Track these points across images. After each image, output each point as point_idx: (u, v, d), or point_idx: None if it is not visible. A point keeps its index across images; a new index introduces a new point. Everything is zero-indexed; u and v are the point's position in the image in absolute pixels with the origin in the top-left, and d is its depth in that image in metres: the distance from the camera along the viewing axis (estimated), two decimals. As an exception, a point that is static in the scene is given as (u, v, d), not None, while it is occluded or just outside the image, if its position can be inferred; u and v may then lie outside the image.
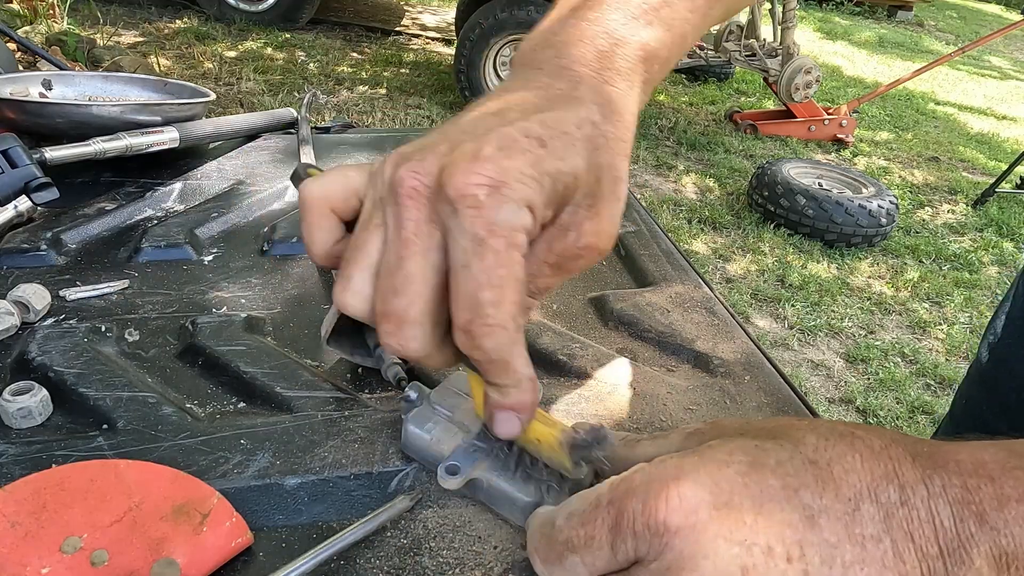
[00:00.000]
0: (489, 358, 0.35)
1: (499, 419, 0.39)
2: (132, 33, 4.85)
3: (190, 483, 0.42)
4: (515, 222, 0.33)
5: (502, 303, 0.33)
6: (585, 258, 0.37)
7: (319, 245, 0.40)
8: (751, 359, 0.60)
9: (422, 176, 0.34)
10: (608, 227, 0.37)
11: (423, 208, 0.35)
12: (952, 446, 0.31)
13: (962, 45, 4.97)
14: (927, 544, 0.28)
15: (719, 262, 3.19)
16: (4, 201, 0.66)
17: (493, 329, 0.33)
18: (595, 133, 0.37)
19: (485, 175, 0.33)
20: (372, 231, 0.37)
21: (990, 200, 4.05)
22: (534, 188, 0.33)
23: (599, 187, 0.37)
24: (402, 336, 0.36)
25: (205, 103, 0.89)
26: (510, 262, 0.33)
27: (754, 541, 0.29)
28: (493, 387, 0.37)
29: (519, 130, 0.35)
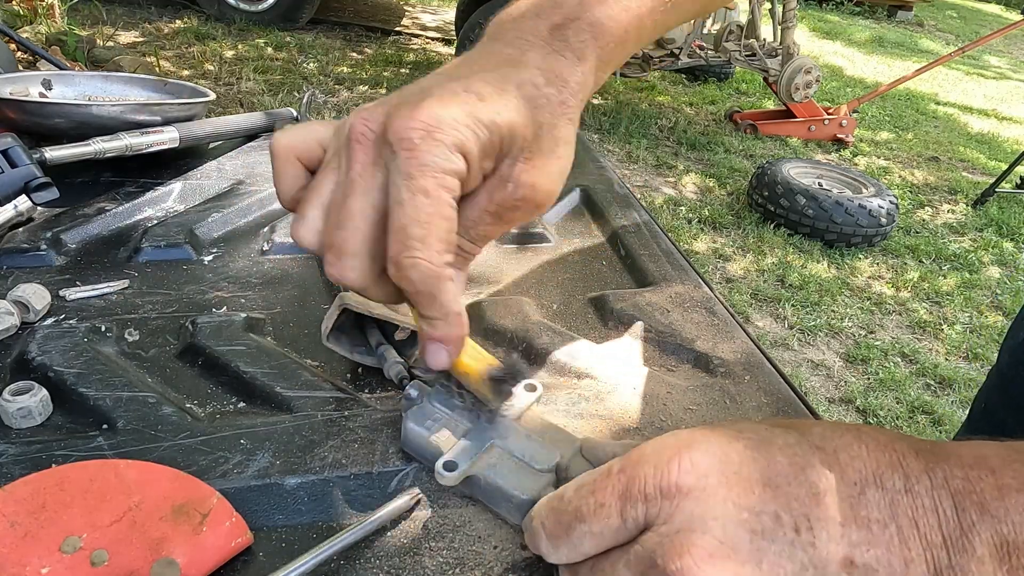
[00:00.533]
0: (416, 289, 0.37)
1: (430, 350, 0.41)
2: (132, 33, 4.85)
3: (190, 483, 0.42)
4: (445, 164, 0.36)
5: (428, 238, 0.36)
6: (522, 209, 0.40)
7: (285, 190, 0.43)
8: (751, 359, 0.60)
9: (370, 123, 0.38)
10: (545, 182, 0.40)
11: (369, 151, 0.38)
12: (955, 444, 0.31)
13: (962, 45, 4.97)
14: (931, 532, 0.29)
15: (719, 262, 3.19)
16: (4, 201, 0.66)
17: (418, 262, 0.36)
18: (536, 94, 0.40)
19: (422, 120, 0.36)
20: (328, 173, 0.40)
21: (990, 200, 4.05)
22: (467, 136, 0.36)
23: (537, 143, 0.40)
24: (342, 266, 0.39)
25: (205, 103, 0.89)
26: (438, 201, 0.36)
27: (762, 509, 0.29)
28: (424, 319, 0.40)
29: (461, 85, 0.38)
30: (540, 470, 0.43)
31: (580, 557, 0.34)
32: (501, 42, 0.43)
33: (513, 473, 0.43)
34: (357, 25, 5.76)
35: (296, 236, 0.41)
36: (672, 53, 4.31)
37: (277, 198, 0.44)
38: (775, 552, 0.29)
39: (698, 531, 0.29)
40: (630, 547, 0.31)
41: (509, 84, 0.39)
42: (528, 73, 0.40)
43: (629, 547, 0.32)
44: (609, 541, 0.32)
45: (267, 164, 0.87)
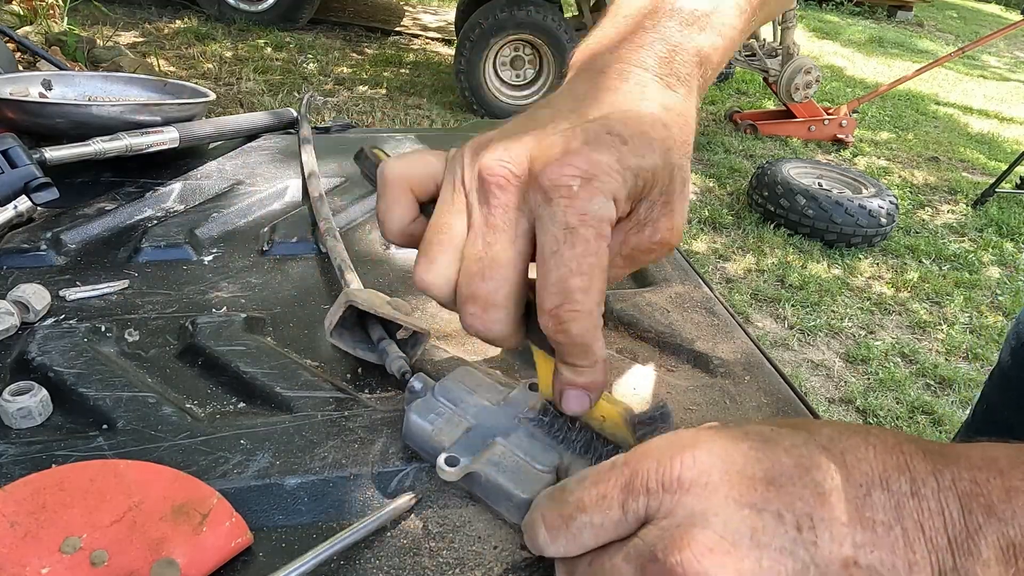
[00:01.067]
0: (573, 342, 0.36)
1: (570, 397, 0.40)
2: (132, 33, 4.85)
3: (190, 483, 0.42)
4: (604, 213, 0.35)
5: (590, 290, 0.35)
6: (657, 252, 0.39)
7: (396, 222, 0.41)
8: (751, 359, 0.60)
9: (511, 165, 0.36)
10: (680, 223, 0.39)
11: (512, 196, 0.36)
12: (963, 445, 0.31)
13: (962, 45, 4.97)
14: (936, 535, 0.28)
15: (719, 262, 3.19)
16: (4, 201, 0.66)
17: (579, 315, 0.35)
18: (667, 136, 0.38)
19: (578, 167, 0.35)
20: (455, 215, 0.38)
21: (990, 200, 4.05)
22: (619, 182, 0.35)
23: (672, 185, 0.38)
24: (487, 319, 0.37)
25: (205, 103, 0.89)
26: (599, 251, 0.35)
27: (764, 507, 0.29)
28: (568, 367, 0.39)
29: (602, 126, 0.37)
30: (541, 470, 0.43)
31: (578, 550, 0.33)
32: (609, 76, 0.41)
33: (514, 471, 0.43)
34: (357, 25, 5.76)
35: (424, 283, 0.39)
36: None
37: (382, 230, 0.43)
38: (776, 549, 0.29)
39: (699, 526, 0.29)
40: (630, 540, 0.31)
41: (645, 125, 0.38)
42: (658, 113, 0.39)
43: (629, 540, 0.31)
44: (609, 534, 0.32)
45: (267, 164, 0.87)
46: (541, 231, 0.35)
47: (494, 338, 0.39)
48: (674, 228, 0.39)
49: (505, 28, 4.07)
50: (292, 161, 0.88)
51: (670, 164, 0.38)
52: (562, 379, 0.40)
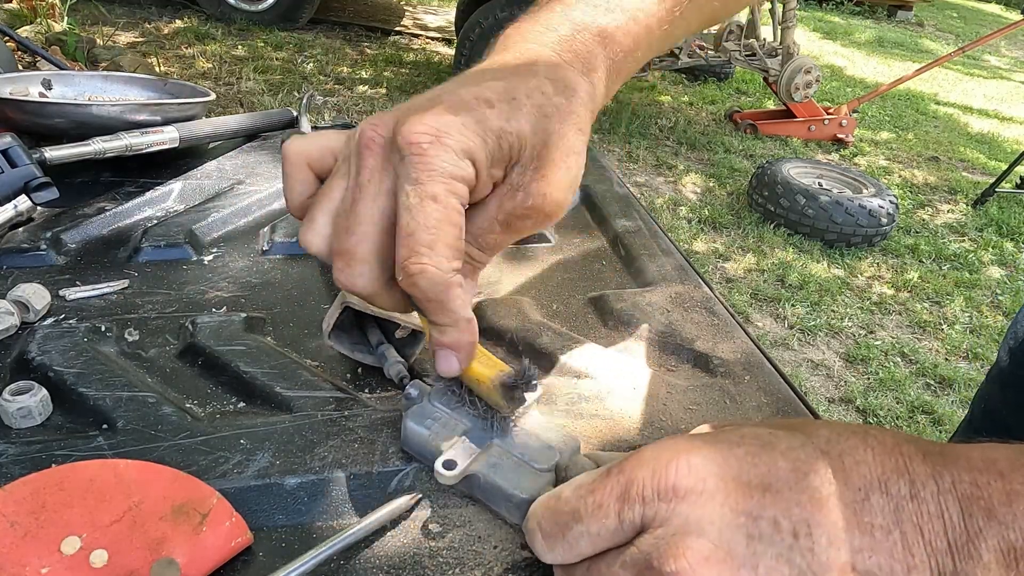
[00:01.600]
0: (425, 296, 0.37)
1: (440, 357, 0.41)
2: (132, 33, 4.85)
3: (190, 483, 0.42)
4: (454, 170, 0.36)
5: (436, 244, 0.36)
6: (532, 218, 0.40)
7: (295, 196, 0.43)
8: (751, 359, 0.60)
9: (379, 128, 0.38)
10: (555, 191, 0.40)
11: (378, 157, 0.38)
12: (964, 446, 0.31)
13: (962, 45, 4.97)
14: (936, 539, 0.28)
15: (719, 262, 3.19)
16: (4, 201, 0.66)
17: (426, 268, 0.36)
18: (545, 102, 0.39)
19: (430, 125, 0.36)
20: (338, 179, 0.40)
21: (990, 200, 4.05)
22: (476, 142, 0.36)
23: (547, 151, 0.39)
24: (351, 273, 0.38)
25: (205, 103, 0.89)
26: (447, 207, 0.36)
27: (760, 514, 0.29)
28: (434, 326, 0.40)
29: (470, 93, 0.38)
30: (540, 470, 0.43)
31: (576, 558, 0.33)
32: (511, 52, 0.43)
33: (513, 472, 0.43)
34: (357, 25, 5.76)
35: (304, 242, 0.41)
36: (672, 53, 4.30)
37: (287, 206, 0.44)
38: (773, 557, 0.29)
39: (694, 534, 0.29)
40: (626, 548, 0.31)
41: (519, 92, 0.39)
42: (537, 81, 0.40)
43: (625, 548, 0.31)
44: (606, 542, 0.32)
45: (267, 164, 0.87)
46: (398, 188, 0.37)
47: (361, 292, 0.40)
48: (547, 195, 0.39)
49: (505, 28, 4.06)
50: (292, 161, 0.88)
51: (544, 130, 0.39)
52: (432, 340, 0.41)
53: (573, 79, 0.42)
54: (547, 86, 0.40)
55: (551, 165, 0.39)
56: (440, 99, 0.38)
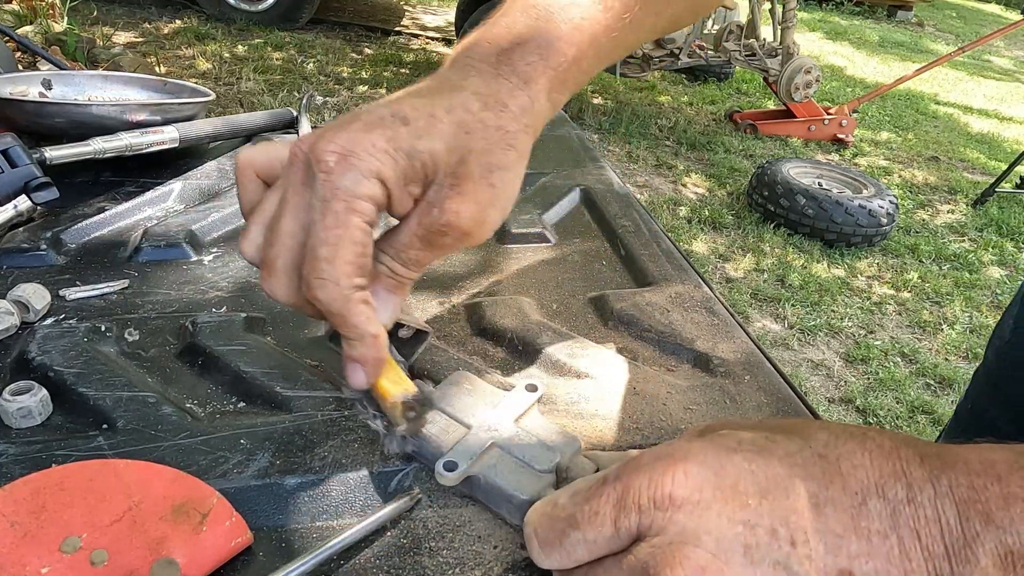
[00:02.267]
0: (327, 309, 0.38)
1: (348, 369, 0.42)
2: (132, 33, 4.85)
3: (190, 483, 0.42)
4: (357, 189, 0.37)
5: (335, 260, 0.37)
6: (450, 235, 0.40)
7: (244, 202, 0.44)
8: (751, 359, 0.60)
9: (302, 145, 0.39)
10: (472, 209, 0.40)
11: (300, 172, 0.39)
12: (961, 448, 0.31)
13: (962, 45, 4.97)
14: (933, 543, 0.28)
15: (719, 262, 3.19)
16: (4, 201, 0.66)
17: (325, 283, 0.37)
18: (468, 119, 0.40)
19: (338, 144, 0.37)
20: (274, 192, 0.41)
21: (990, 200, 4.05)
22: (384, 161, 0.37)
23: (464, 168, 0.39)
24: (272, 282, 0.40)
25: (205, 103, 0.89)
26: (347, 224, 0.37)
27: (758, 522, 0.29)
28: (344, 339, 0.41)
29: (390, 111, 0.39)
30: (540, 471, 0.43)
31: (573, 564, 0.33)
32: (452, 69, 0.43)
33: (513, 473, 0.43)
34: (357, 25, 5.76)
35: (240, 249, 0.42)
36: (672, 53, 4.31)
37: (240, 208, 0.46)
38: (770, 564, 0.29)
39: (691, 544, 0.29)
40: (623, 556, 0.31)
41: (439, 109, 0.39)
42: (461, 97, 0.40)
43: (622, 556, 0.31)
44: (602, 549, 0.32)
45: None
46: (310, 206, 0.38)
47: (282, 301, 0.41)
48: (461, 212, 0.39)
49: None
50: (292, 161, 0.88)
51: (463, 147, 0.39)
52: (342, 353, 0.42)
53: (504, 94, 0.42)
54: (473, 102, 0.40)
55: (468, 182, 0.40)
56: (359, 117, 0.39)
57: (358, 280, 0.38)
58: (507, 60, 0.43)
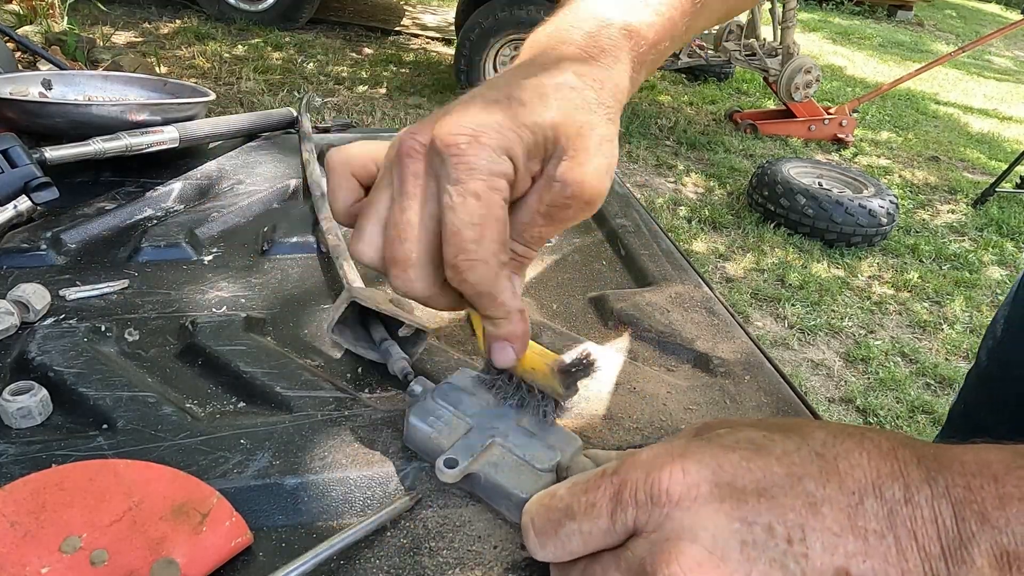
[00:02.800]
0: (476, 291, 0.38)
1: (495, 349, 0.42)
2: (132, 33, 4.85)
3: (190, 483, 0.42)
4: (493, 167, 0.37)
5: (482, 239, 0.37)
6: (573, 207, 0.41)
7: (340, 204, 0.44)
8: (751, 359, 0.60)
9: (419, 135, 0.39)
10: (592, 179, 0.40)
11: (419, 163, 0.39)
12: (958, 448, 0.31)
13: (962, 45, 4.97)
14: (930, 544, 0.28)
15: (719, 262, 3.19)
16: (4, 201, 0.66)
17: (475, 264, 0.37)
18: (574, 96, 0.41)
19: (466, 127, 0.37)
20: (382, 190, 0.41)
21: (990, 200, 4.05)
22: (512, 138, 0.37)
23: (580, 141, 0.40)
24: (407, 278, 0.40)
25: (205, 103, 0.89)
26: (490, 203, 0.37)
27: (754, 520, 0.29)
28: (487, 320, 0.41)
29: (502, 93, 0.39)
30: (541, 469, 0.43)
31: (567, 556, 0.33)
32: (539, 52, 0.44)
33: (513, 471, 0.43)
34: (357, 25, 5.76)
35: (356, 252, 0.41)
36: (672, 53, 4.30)
37: (333, 214, 0.45)
38: (766, 562, 0.29)
39: (687, 540, 0.29)
40: (621, 551, 0.31)
41: (547, 88, 0.40)
42: (564, 76, 0.41)
43: (620, 551, 0.31)
44: (597, 542, 0.32)
45: (267, 164, 0.87)
46: (441, 191, 0.38)
47: (419, 297, 0.41)
48: (584, 182, 0.40)
49: (505, 28, 4.07)
50: (292, 161, 0.88)
51: (575, 121, 0.40)
52: (486, 334, 0.42)
53: (599, 72, 0.43)
54: (575, 80, 0.41)
55: (585, 154, 0.40)
56: (473, 101, 0.39)
57: (503, 258, 0.39)
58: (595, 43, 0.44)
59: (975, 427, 0.76)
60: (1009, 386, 0.71)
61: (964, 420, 0.79)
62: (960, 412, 0.80)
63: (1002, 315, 0.74)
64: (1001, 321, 0.73)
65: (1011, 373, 0.71)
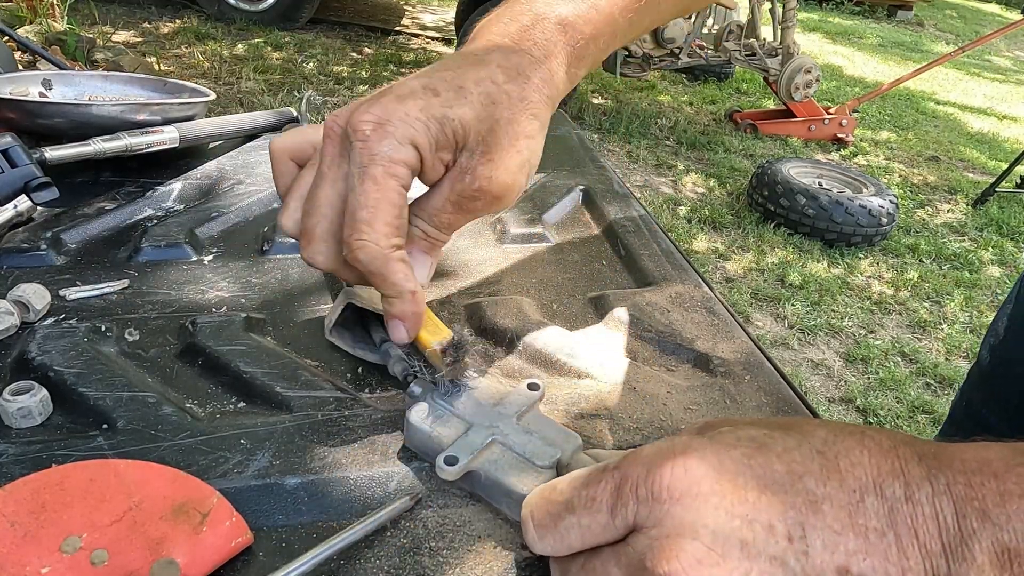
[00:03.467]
0: (367, 269, 0.41)
1: (390, 327, 0.45)
2: (132, 33, 4.85)
3: (190, 483, 0.42)
4: (393, 154, 0.39)
5: (374, 221, 0.39)
6: (481, 200, 0.43)
7: (280, 187, 0.47)
8: (751, 359, 0.60)
9: (338, 119, 0.41)
10: (502, 174, 0.42)
11: (336, 145, 0.41)
12: (958, 446, 0.31)
13: (962, 45, 4.97)
14: (930, 541, 0.28)
15: (719, 262, 3.19)
16: (4, 201, 0.66)
17: (365, 244, 0.40)
18: (494, 90, 0.42)
19: (373, 114, 0.40)
20: (308, 168, 0.44)
21: (990, 200, 4.05)
22: (418, 128, 0.40)
23: (493, 137, 0.42)
24: (311, 250, 0.43)
25: (205, 103, 0.89)
26: (385, 188, 0.39)
27: (755, 517, 0.29)
28: (385, 299, 0.43)
29: (420, 83, 0.41)
30: (541, 467, 0.43)
31: (565, 550, 0.33)
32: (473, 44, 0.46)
33: (514, 469, 0.43)
34: (357, 25, 5.76)
35: (280, 223, 0.45)
36: (672, 53, 4.30)
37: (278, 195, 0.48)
38: (766, 560, 0.29)
39: (688, 537, 0.29)
40: (620, 547, 0.31)
41: (467, 81, 0.42)
42: (487, 71, 0.43)
43: (619, 547, 0.31)
44: (596, 536, 0.32)
45: (267, 164, 0.87)
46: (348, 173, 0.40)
47: (321, 267, 0.44)
48: (493, 178, 0.42)
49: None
50: (292, 161, 0.88)
51: (491, 116, 0.42)
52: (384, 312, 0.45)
53: (527, 66, 0.44)
54: (498, 74, 0.43)
55: (498, 149, 0.42)
56: (392, 90, 0.41)
57: (395, 240, 0.40)
58: (528, 36, 0.45)
59: (977, 423, 0.76)
60: (1011, 384, 0.71)
61: (966, 416, 0.79)
62: (962, 408, 0.80)
63: (1004, 313, 0.74)
64: (1004, 319, 0.74)
65: (1013, 371, 0.71)
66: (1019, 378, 0.70)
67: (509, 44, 0.44)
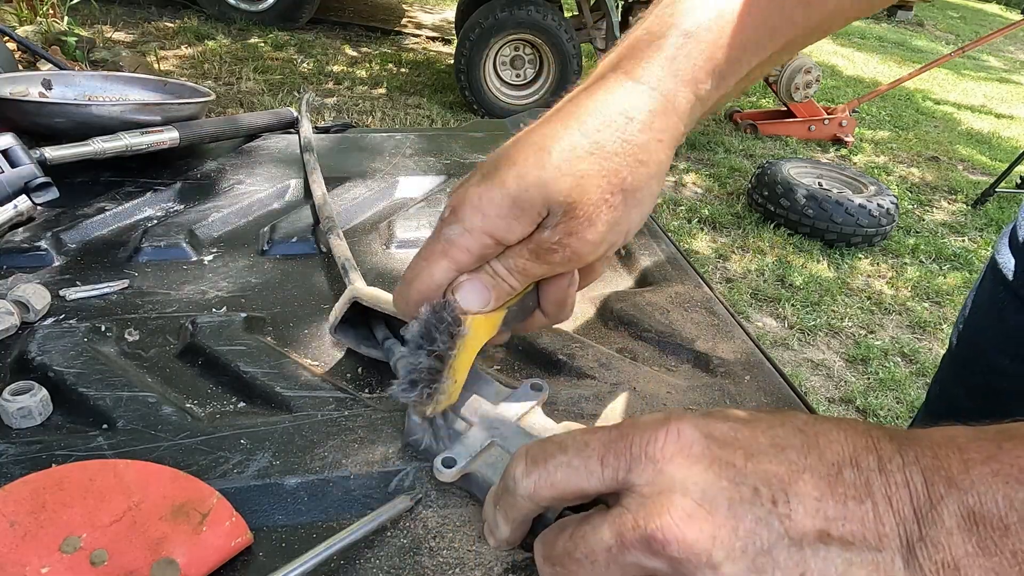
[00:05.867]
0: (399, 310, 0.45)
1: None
2: (132, 33, 4.85)
3: (190, 483, 0.42)
4: (455, 239, 0.42)
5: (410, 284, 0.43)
6: (560, 253, 0.43)
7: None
8: (751, 359, 0.60)
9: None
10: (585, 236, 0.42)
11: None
12: (926, 429, 0.33)
13: (962, 45, 4.97)
14: (903, 507, 0.30)
15: (719, 262, 3.19)
16: (4, 201, 0.66)
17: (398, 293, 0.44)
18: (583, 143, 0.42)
19: (454, 197, 0.43)
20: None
21: (990, 200, 4.05)
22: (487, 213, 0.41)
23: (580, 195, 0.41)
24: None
25: (205, 103, 0.89)
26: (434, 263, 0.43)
27: (742, 481, 0.31)
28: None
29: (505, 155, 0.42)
30: (540, 470, 0.43)
31: (547, 488, 0.35)
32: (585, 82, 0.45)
33: None
34: (357, 25, 5.76)
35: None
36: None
37: None
38: (752, 519, 0.30)
39: (678, 493, 0.31)
40: (611, 510, 0.33)
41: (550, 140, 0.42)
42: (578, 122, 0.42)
43: (610, 510, 0.33)
44: (580, 479, 0.34)
45: (267, 164, 0.87)
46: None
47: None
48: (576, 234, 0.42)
49: (505, 27, 4.07)
50: (292, 161, 0.88)
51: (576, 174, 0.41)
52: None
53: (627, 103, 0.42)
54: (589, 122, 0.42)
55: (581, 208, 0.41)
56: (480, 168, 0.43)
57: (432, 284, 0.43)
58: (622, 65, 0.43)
59: (949, 407, 0.79)
60: (975, 364, 0.74)
61: (939, 401, 0.83)
62: (936, 394, 0.84)
63: (970, 299, 0.76)
64: (969, 304, 0.75)
65: (977, 351, 0.74)
66: (983, 356, 0.73)
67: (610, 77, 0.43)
